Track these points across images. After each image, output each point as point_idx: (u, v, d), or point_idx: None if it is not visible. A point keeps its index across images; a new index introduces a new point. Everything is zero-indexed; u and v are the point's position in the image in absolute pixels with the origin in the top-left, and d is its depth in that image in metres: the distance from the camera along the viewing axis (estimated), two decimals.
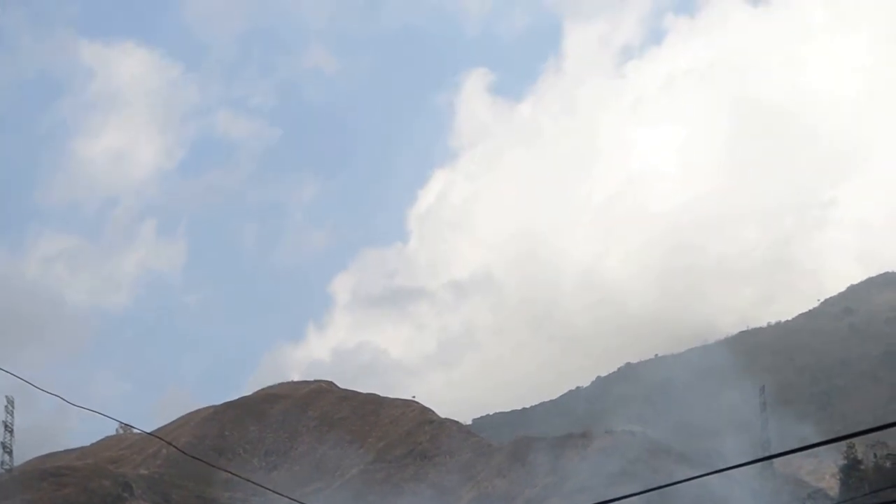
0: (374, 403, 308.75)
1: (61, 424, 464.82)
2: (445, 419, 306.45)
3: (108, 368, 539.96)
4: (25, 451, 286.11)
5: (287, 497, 38.91)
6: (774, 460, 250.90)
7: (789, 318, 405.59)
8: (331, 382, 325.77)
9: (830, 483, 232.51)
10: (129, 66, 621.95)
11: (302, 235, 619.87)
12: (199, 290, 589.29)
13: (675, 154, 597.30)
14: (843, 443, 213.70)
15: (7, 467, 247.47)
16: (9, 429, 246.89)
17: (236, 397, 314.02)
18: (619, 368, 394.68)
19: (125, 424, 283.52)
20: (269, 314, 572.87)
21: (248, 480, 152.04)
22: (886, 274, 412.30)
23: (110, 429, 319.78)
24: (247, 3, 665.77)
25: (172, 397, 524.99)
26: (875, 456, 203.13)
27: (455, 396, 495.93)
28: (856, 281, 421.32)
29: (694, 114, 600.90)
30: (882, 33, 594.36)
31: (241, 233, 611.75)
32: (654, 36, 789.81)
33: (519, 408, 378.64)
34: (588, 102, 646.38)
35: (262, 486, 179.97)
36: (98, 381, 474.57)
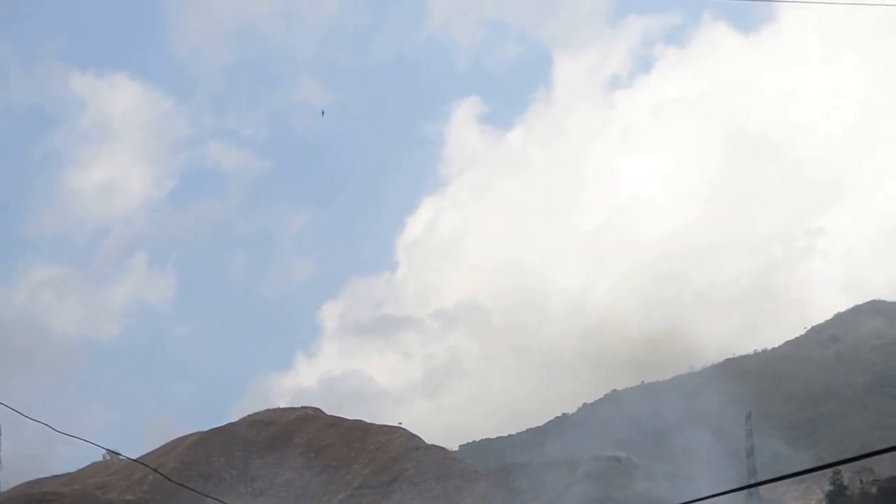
0: (360, 430, 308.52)
1: (48, 451, 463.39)
2: (431, 445, 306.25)
3: (95, 397, 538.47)
4: (12, 477, 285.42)
5: None
6: (761, 487, 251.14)
7: (776, 346, 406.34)
8: (317, 409, 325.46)
9: None
10: (119, 98, 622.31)
11: (291, 264, 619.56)
12: (187, 319, 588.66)
13: (664, 182, 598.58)
14: (830, 469, 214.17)
15: None
16: None
17: (223, 424, 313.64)
18: (605, 395, 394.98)
19: (111, 451, 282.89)
20: (258, 343, 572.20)
21: None
22: (873, 302, 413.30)
23: (97, 455, 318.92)
24: (236, 36, 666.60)
25: (159, 424, 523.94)
26: (861, 482, 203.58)
27: (441, 423, 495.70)
28: (842, 309, 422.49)
29: (682, 142, 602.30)
30: (873, 64, 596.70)
31: (231, 262, 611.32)
32: (644, 65, 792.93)
33: (505, 434, 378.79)
34: (577, 131, 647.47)
35: None
36: (85, 410, 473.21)
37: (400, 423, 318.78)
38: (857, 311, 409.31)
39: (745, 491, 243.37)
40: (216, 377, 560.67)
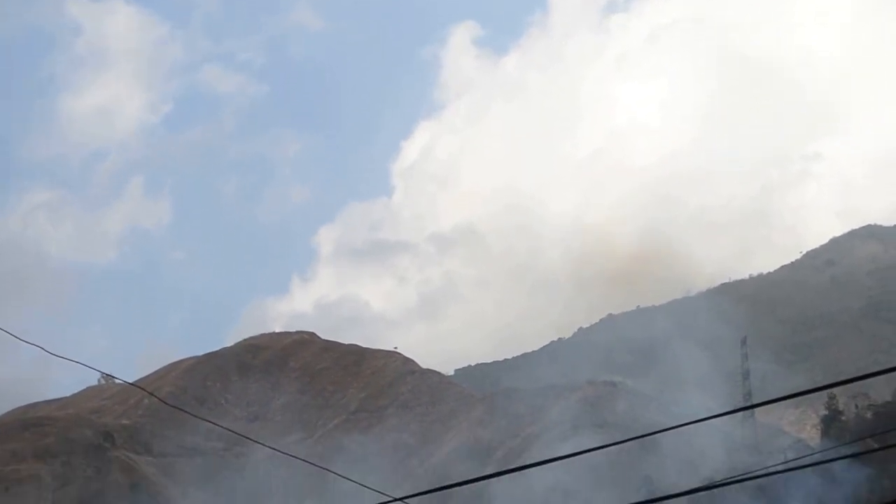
0: (355, 355, 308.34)
1: (43, 376, 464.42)
2: (427, 370, 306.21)
3: (90, 322, 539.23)
4: (6, 402, 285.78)
5: (269, 447, 37.86)
6: (756, 411, 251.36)
7: (771, 270, 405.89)
8: (312, 334, 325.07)
9: (812, 434, 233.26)
10: (115, 23, 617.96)
11: (286, 189, 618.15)
12: (183, 244, 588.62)
13: (659, 108, 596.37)
14: (825, 394, 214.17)
15: None
16: None
17: (218, 348, 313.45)
18: (600, 320, 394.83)
19: (107, 375, 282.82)
20: (253, 267, 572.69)
21: (230, 430, 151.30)
22: (869, 226, 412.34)
23: (91, 379, 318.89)
24: None
25: (154, 349, 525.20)
26: (856, 407, 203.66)
27: (437, 348, 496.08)
28: (838, 233, 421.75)
29: (678, 67, 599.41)
30: None
31: (226, 187, 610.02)
32: None
33: (500, 359, 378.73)
34: (573, 57, 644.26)
35: (243, 437, 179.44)
36: (80, 335, 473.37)
37: (395, 348, 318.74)
38: (853, 235, 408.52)
39: (740, 415, 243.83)
40: (211, 302, 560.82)
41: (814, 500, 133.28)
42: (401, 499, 13.96)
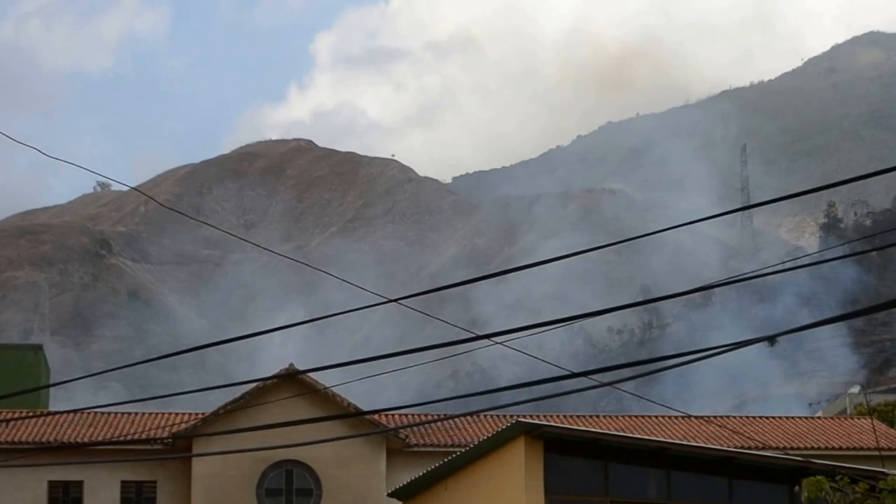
0: (352, 162, 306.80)
1: (38, 183, 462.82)
2: (424, 178, 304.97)
3: (86, 130, 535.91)
4: (1, 209, 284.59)
5: (268, 250, 36.05)
6: (755, 219, 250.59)
7: (772, 78, 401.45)
8: (309, 142, 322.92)
9: (810, 241, 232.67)
10: None
11: None
12: (180, 51, 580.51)
13: None
14: (824, 201, 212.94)
15: None
16: None
17: (214, 156, 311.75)
18: (599, 127, 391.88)
19: (103, 182, 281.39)
20: (250, 74, 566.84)
21: (230, 234, 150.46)
22: (871, 33, 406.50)
23: (87, 187, 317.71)
24: None
25: (150, 157, 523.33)
26: (855, 214, 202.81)
27: (434, 155, 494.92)
28: (840, 40, 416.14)
29: None
30: None
31: None
32: None
33: (499, 167, 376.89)
34: None
35: (243, 239, 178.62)
36: (76, 142, 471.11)
37: (392, 156, 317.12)
38: (855, 42, 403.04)
39: (739, 223, 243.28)
40: (208, 110, 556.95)
41: (805, 299, 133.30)
42: (393, 300, 12.26)
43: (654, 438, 35.35)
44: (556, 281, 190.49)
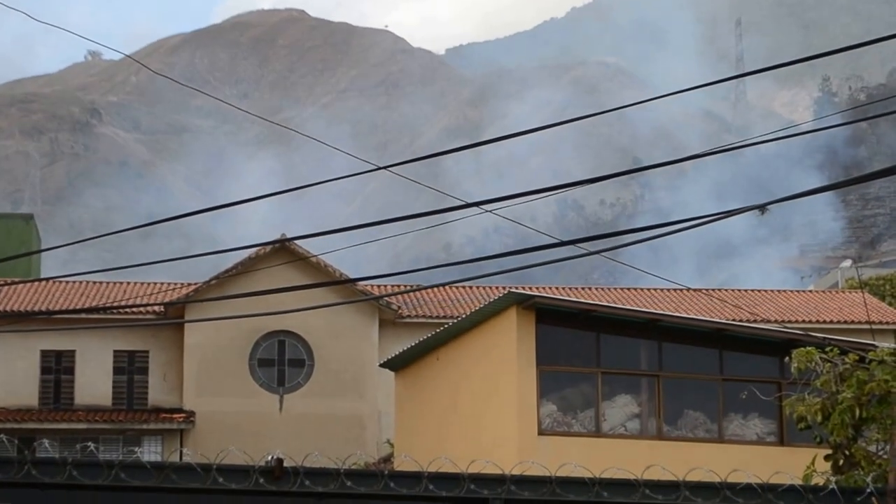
0: (345, 33, 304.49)
1: (27, 52, 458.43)
2: (418, 49, 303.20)
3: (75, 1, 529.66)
4: None
5: (262, 118, 35.88)
6: (749, 92, 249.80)
7: None
8: (302, 11, 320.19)
9: (804, 115, 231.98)
10: None
11: None
12: None
13: None
14: (819, 75, 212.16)
15: None
16: None
17: (206, 25, 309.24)
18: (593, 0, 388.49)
19: (94, 51, 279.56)
20: None
21: (224, 101, 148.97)
22: None
23: (78, 55, 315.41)
24: None
25: (139, 26, 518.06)
26: (850, 88, 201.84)
27: (428, 26, 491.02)
28: None
29: None
30: None
31: None
32: None
33: (492, 38, 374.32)
34: None
35: (236, 107, 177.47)
36: (64, 11, 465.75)
37: (386, 26, 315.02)
38: None
39: (733, 97, 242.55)
40: None
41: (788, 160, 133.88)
42: (382, 168, 12.10)
43: (645, 310, 35.47)
44: (549, 154, 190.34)
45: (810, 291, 61.25)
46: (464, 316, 30.57)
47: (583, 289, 55.46)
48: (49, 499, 7.42)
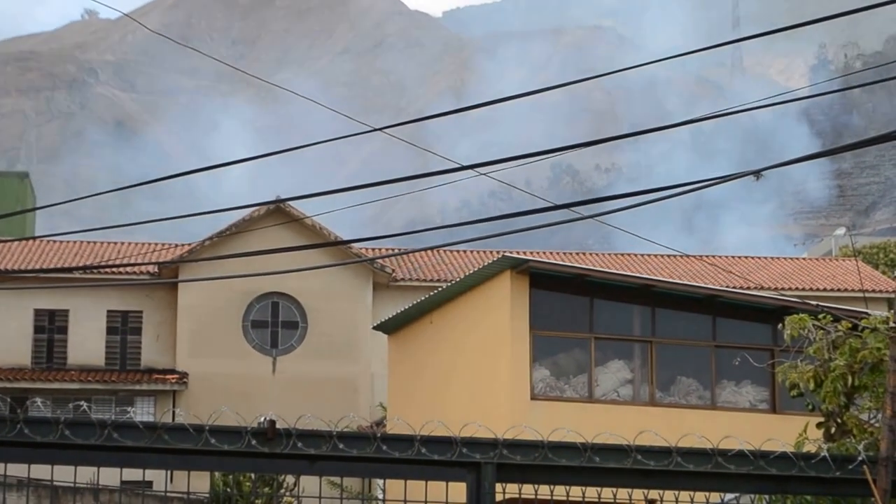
0: None
1: (23, 9, 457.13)
2: (415, 11, 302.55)
3: None
4: None
5: (259, 79, 35.65)
6: (746, 60, 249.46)
7: None
8: None
9: (800, 83, 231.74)
10: None
11: None
12: None
13: None
14: (815, 43, 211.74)
15: None
16: None
17: None
18: None
19: (90, 10, 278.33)
20: None
21: (222, 62, 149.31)
22: None
23: (75, 15, 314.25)
24: None
25: None
26: (846, 56, 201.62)
27: None
28: None
29: None
30: None
31: None
32: None
33: (490, 1, 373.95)
34: None
35: (234, 67, 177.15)
36: None
37: None
38: None
39: (729, 62, 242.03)
40: None
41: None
42: (377, 129, 12.05)
43: (639, 275, 35.46)
44: (544, 119, 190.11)
45: (804, 259, 61.30)
46: (458, 280, 30.58)
47: (577, 254, 55.49)
48: (40, 457, 7.43)
